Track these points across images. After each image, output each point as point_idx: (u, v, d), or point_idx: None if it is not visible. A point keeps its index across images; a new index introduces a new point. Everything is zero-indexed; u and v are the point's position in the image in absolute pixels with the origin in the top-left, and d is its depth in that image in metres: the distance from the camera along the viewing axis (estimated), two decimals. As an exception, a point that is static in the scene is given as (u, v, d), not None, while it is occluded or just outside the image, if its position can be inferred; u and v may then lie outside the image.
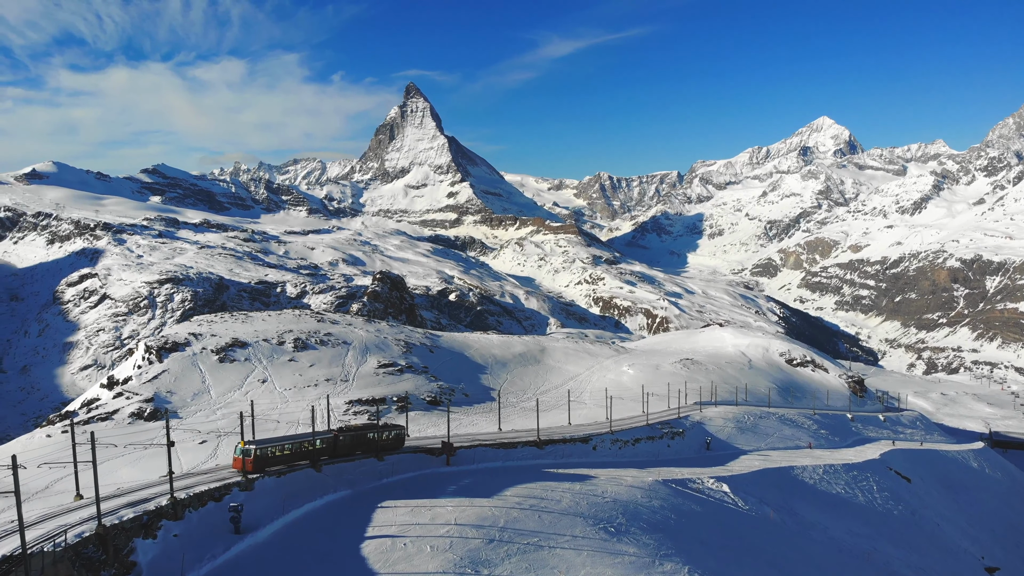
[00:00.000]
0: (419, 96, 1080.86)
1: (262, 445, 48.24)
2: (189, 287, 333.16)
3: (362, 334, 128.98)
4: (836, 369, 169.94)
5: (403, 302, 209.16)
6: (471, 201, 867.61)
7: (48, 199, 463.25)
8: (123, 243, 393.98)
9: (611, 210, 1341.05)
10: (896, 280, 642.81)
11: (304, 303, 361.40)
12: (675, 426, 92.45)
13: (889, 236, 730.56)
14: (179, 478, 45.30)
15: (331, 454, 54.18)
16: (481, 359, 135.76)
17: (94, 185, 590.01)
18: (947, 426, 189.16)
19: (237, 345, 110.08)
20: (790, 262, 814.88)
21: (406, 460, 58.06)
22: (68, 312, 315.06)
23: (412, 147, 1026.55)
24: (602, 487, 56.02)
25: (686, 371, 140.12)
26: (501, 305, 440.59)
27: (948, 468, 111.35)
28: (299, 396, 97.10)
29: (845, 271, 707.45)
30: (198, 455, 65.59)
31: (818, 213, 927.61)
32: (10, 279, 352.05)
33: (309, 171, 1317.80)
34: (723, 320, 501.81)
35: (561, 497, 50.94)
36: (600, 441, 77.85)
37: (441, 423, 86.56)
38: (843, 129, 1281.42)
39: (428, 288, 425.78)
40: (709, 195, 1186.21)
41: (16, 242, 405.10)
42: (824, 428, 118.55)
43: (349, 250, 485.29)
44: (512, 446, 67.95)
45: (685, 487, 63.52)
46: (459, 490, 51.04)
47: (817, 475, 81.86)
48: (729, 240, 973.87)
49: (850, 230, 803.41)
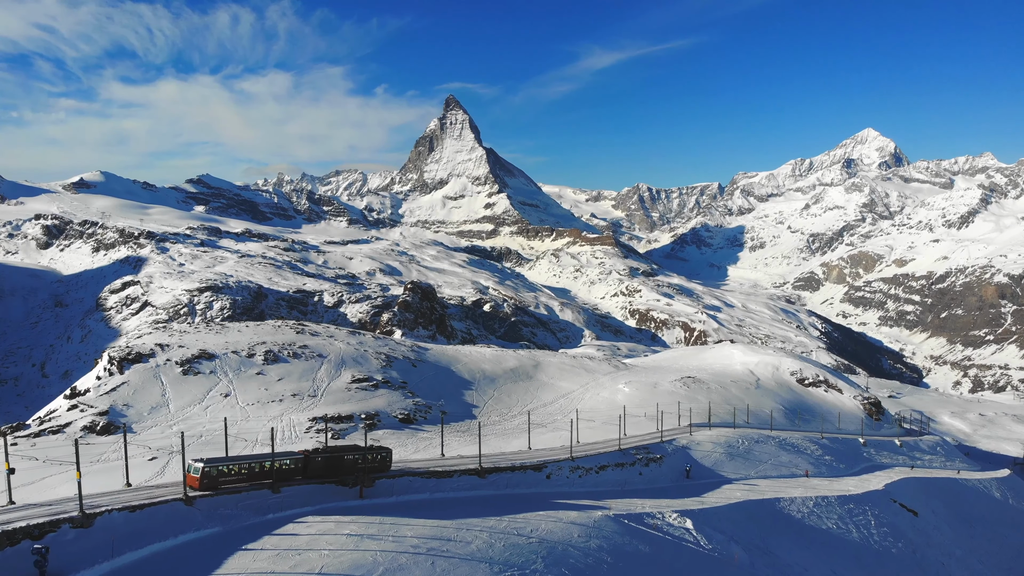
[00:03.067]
0: (458, 108, 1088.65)
1: (215, 463, 46.68)
2: (228, 295, 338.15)
3: (341, 347, 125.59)
4: (851, 390, 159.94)
5: (433, 312, 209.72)
6: (508, 212, 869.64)
7: (95, 208, 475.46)
8: (166, 251, 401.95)
9: (650, 222, 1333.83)
10: (942, 295, 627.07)
11: (341, 312, 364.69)
12: (654, 451, 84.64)
13: (935, 250, 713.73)
14: (56, 503, 41.31)
15: (303, 475, 51.58)
16: (468, 374, 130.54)
17: (140, 195, 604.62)
18: (980, 450, 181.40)
19: (204, 357, 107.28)
20: (833, 276, 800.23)
21: (307, 492, 50.94)
22: (110, 319, 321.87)
23: (451, 159, 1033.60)
24: (534, 524, 49.04)
25: (686, 390, 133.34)
26: (535, 316, 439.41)
27: (966, 499, 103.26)
28: (261, 412, 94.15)
29: (889, 286, 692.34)
30: (145, 472, 62.28)
31: (862, 226, 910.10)
32: (55, 285, 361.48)
33: (351, 182, 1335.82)
34: (763, 335, 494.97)
35: (475, 538, 44.07)
36: (556, 469, 69.58)
37: (411, 443, 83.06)
38: (888, 141, 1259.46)
39: (463, 298, 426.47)
40: (750, 207, 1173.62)
41: (63, 249, 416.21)
42: (830, 454, 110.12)
43: (386, 260, 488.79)
44: (447, 475, 60.64)
45: (641, 523, 56.51)
46: (353, 529, 44.04)
47: (807, 508, 74.54)
48: (771, 253, 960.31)
49: (895, 244, 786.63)
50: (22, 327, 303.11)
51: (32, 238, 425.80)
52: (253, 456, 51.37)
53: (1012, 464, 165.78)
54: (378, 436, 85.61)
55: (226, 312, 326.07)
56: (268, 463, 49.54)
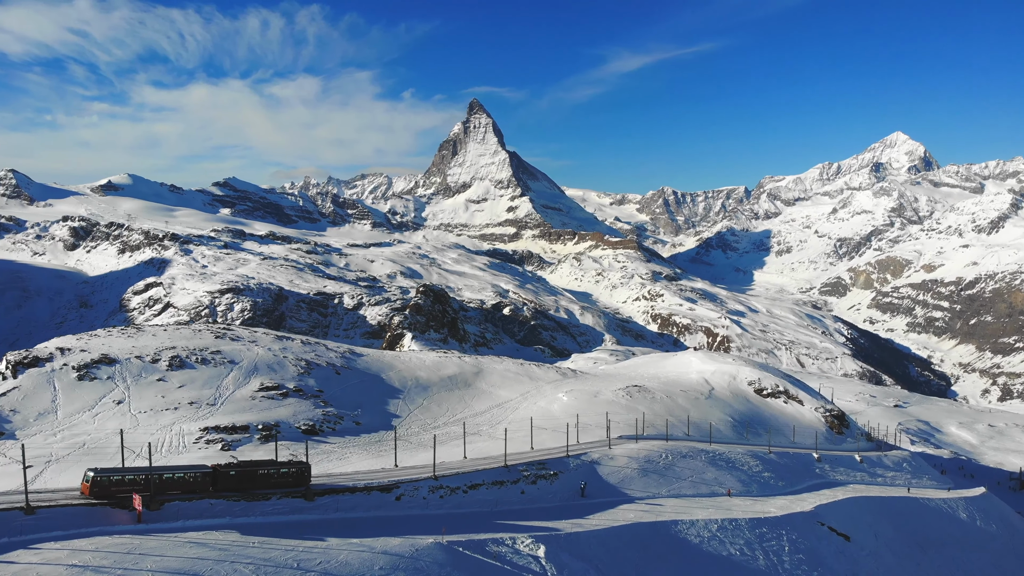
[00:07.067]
0: (482, 112, 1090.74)
1: (108, 473, 46.96)
2: (249, 297, 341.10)
3: (259, 352, 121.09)
4: (813, 401, 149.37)
5: (445, 315, 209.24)
6: (530, 215, 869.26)
7: (122, 210, 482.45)
8: (189, 253, 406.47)
9: (675, 225, 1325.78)
10: (971, 302, 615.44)
11: (360, 314, 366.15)
12: (550, 467, 76.36)
13: (964, 256, 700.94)
14: None
15: (213, 489, 51.00)
16: (399, 382, 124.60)
17: (167, 197, 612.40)
18: (977, 463, 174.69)
19: (104, 362, 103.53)
20: (860, 281, 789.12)
21: (64, 515, 44.44)
22: (133, 319, 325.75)
23: (474, 162, 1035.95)
24: (330, 555, 42.43)
25: (627, 399, 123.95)
26: (555, 320, 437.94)
27: (923, 520, 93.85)
28: (153, 420, 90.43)
29: (918, 291, 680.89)
30: (16, 480, 60.14)
31: (890, 231, 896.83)
32: (81, 286, 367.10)
33: (376, 186, 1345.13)
34: (787, 341, 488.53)
35: (233, 572, 38.14)
36: (412, 489, 61.79)
37: (312, 455, 78.04)
38: (918, 145, 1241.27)
39: (482, 302, 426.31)
40: (777, 211, 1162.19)
41: (89, 251, 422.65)
42: (771, 470, 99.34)
43: (407, 263, 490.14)
44: (264, 498, 53.26)
45: (480, 551, 49.51)
46: (82, 560, 37.72)
47: (708, 532, 66.13)
48: (797, 258, 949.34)
49: (923, 249, 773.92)
50: (47, 327, 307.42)
51: (59, 239, 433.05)
52: (154, 468, 50.38)
53: (1008, 479, 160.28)
54: (273, 449, 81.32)
55: (247, 314, 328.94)
56: (169, 475, 49.44)
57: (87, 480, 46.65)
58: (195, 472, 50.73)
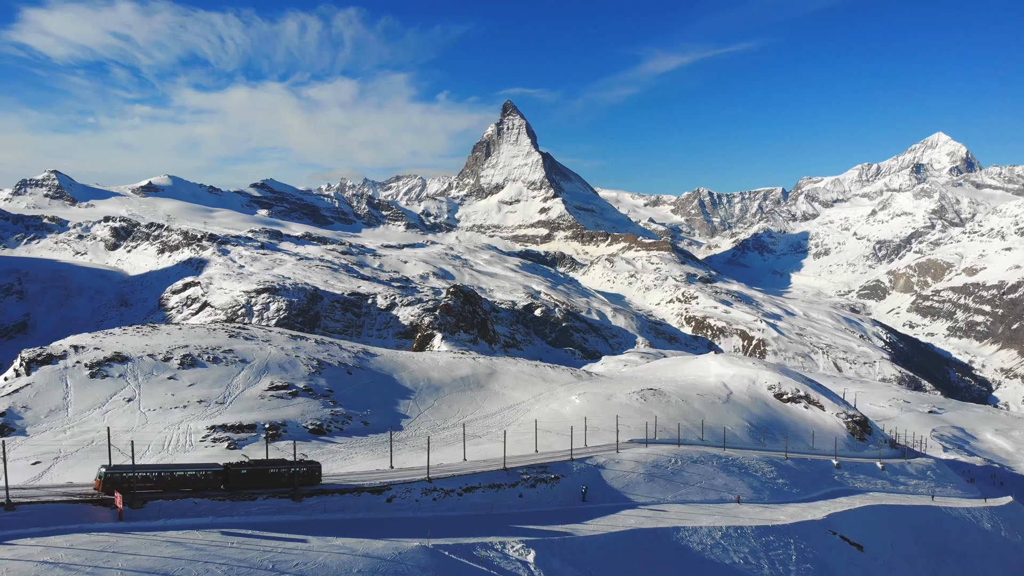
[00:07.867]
0: (515, 113, 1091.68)
1: (120, 470, 47.67)
2: (285, 297, 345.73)
3: (272, 351, 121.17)
4: (835, 406, 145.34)
5: (475, 316, 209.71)
6: (563, 217, 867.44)
7: (162, 211, 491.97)
8: (227, 253, 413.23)
9: (710, 227, 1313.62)
10: (1014, 306, 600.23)
11: (393, 314, 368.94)
12: (552, 470, 74.73)
13: (1007, 259, 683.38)
14: None
15: (225, 487, 51.41)
16: (411, 383, 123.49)
17: (206, 198, 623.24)
18: (1010, 471, 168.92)
19: (117, 360, 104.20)
20: (900, 284, 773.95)
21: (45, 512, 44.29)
22: (172, 318, 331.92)
23: (507, 163, 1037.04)
24: (308, 557, 41.74)
25: (641, 403, 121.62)
26: (587, 322, 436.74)
27: (946, 531, 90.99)
28: (162, 418, 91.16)
29: (959, 295, 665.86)
30: (24, 476, 60.82)
31: (931, 233, 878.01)
32: (122, 286, 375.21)
33: (410, 187, 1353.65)
34: (824, 345, 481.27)
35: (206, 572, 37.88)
36: (404, 491, 60.44)
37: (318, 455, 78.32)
38: (959, 146, 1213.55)
39: (514, 303, 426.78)
40: (815, 213, 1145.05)
41: (129, 251, 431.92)
42: (786, 476, 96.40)
43: (440, 264, 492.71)
44: (249, 498, 52.38)
45: (467, 555, 48.38)
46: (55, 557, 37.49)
47: (712, 539, 64.13)
48: (835, 260, 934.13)
49: (965, 252, 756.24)
50: (88, 325, 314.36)
51: (100, 239, 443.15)
52: (166, 465, 51.04)
53: None
54: (279, 447, 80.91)
55: (282, 313, 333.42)
56: (181, 472, 49.91)
57: (100, 476, 47.51)
58: (206, 470, 51.15)
